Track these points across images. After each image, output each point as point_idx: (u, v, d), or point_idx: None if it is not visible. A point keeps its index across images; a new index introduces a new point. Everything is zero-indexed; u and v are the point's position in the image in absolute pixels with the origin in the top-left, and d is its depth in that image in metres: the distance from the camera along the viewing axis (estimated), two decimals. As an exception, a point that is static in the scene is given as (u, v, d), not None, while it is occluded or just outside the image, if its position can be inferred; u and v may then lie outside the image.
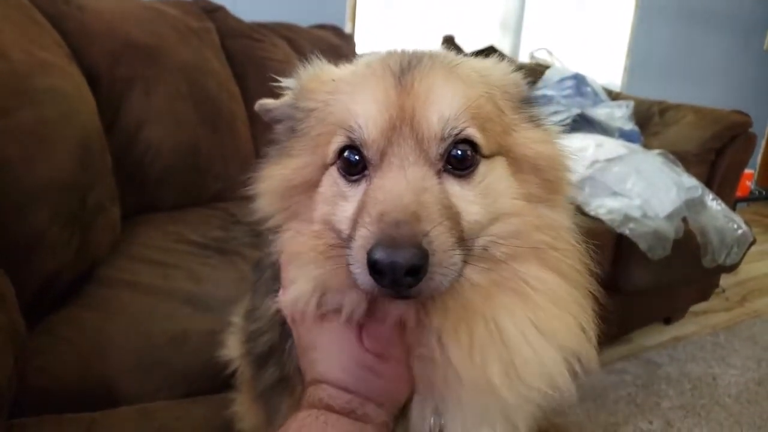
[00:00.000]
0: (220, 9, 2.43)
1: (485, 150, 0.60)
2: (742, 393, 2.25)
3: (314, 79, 0.68)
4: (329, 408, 0.61)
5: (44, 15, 1.57)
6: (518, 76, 0.70)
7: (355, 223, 0.56)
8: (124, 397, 1.11)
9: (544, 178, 0.64)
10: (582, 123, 2.91)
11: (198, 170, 1.97)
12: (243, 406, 0.95)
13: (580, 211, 0.66)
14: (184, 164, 1.92)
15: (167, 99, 1.90)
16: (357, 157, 0.59)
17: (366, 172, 0.59)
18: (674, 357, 2.50)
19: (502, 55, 0.74)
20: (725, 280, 3.08)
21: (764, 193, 4.97)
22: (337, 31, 2.94)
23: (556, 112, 2.94)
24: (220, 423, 1.02)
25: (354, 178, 0.60)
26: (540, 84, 3.27)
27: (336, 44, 2.75)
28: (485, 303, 0.60)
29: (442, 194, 0.56)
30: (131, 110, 1.80)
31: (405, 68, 0.60)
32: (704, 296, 2.88)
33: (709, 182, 2.69)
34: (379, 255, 0.48)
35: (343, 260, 0.56)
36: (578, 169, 2.35)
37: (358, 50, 2.98)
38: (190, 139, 1.94)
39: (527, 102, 0.68)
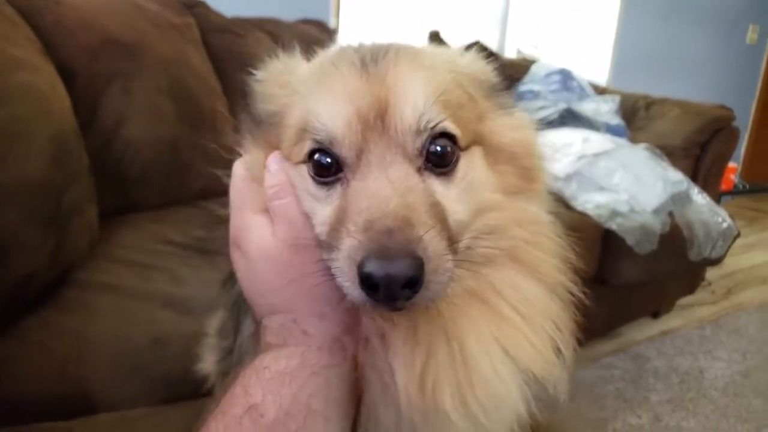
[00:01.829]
0: (200, 4, 2.38)
1: (462, 142, 0.56)
2: (729, 386, 2.26)
3: (273, 82, 0.64)
4: (268, 346, 0.56)
5: (16, 9, 1.52)
6: (485, 64, 0.66)
7: (334, 230, 0.52)
8: (102, 404, 1.08)
9: (520, 166, 0.61)
10: (568, 118, 2.91)
11: (179, 168, 1.93)
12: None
13: (566, 205, 0.65)
14: (164, 162, 1.88)
15: (147, 96, 1.85)
16: (329, 159, 0.54)
17: (341, 174, 0.54)
18: (662, 351, 2.51)
19: (487, 51, 0.70)
20: (711, 273, 3.10)
21: (748, 186, 5.01)
22: (321, 25, 2.91)
23: (542, 107, 2.94)
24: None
25: (328, 180, 0.55)
26: (526, 79, 3.26)
27: (320, 39, 2.71)
28: (453, 318, 0.55)
29: (428, 193, 0.52)
30: (110, 107, 1.76)
31: (367, 60, 0.55)
32: (691, 290, 2.89)
33: (694, 176, 2.71)
34: (373, 267, 0.44)
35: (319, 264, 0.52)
36: (555, 159, 2.36)
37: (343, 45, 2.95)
38: (170, 137, 1.90)
39: (497, 90, 0.65)
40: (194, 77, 2.05)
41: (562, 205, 0.66)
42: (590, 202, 2.18)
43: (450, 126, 0.54)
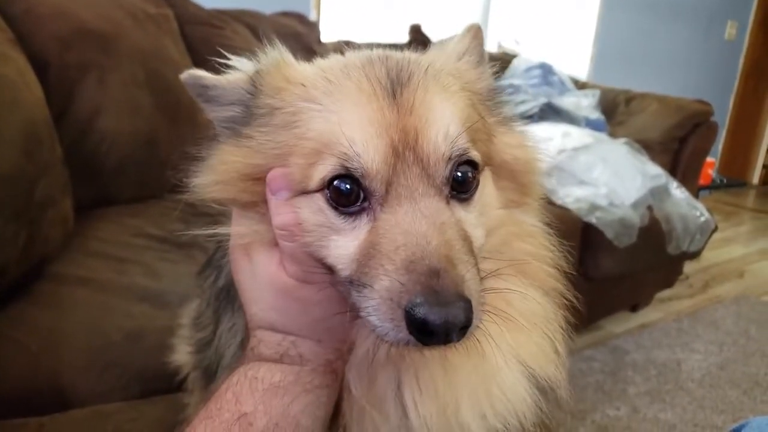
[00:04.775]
0: (178, -6, 2.34)
1: (480, 167, 0.56)
2: (705, 377, 2.29)
3: (280, 77, 0.58)
4: (261, 357, 0.57)
5: (-14, -2, 1.49)
6: (480, 67, 0.65)
7: (362, 265, 0.49)
8: (76, 398, 1.07)
9: (519, 183, 0.63)
10: (548, 112, 2.92)
11: (157, 161, 1.90)
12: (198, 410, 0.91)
13: (548, 201, 0.67)
14: (142, 155, 1.85)
15: (123, 87, 1.82)
16: (349, 186, 0.51)
17: (365, 204, 0.52)
18: (640, 344, 2.53)
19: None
20: (688, 267, 3.14)
21: (725, 181, 5.08)
22: (301, 18, 2.88)
23: (523, 102, 2.94)
24: (177, 424, 0.98)
25: (350, 210, 0.52)
26: (507, 73, 3.26)
27: (300, 32, 2.69)
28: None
29: (459, 225, 0.51)
30: (84, 98, 1.72)
31: (395, 82, 0.53)
32: (669, 283, 2.93)
33: (672, 170, 2.73)
34: (428, 314, 0.43)
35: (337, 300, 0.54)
36: (547, 163, 2.37)
37: (323, 38, 2.93)
38: (148, 129, 1.87)
39: (495, 99, 0.65)
40: (172, 69, 2.01)
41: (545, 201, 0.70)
42: (570, 195, 2.20)
43: (474, 153, 0.54)
